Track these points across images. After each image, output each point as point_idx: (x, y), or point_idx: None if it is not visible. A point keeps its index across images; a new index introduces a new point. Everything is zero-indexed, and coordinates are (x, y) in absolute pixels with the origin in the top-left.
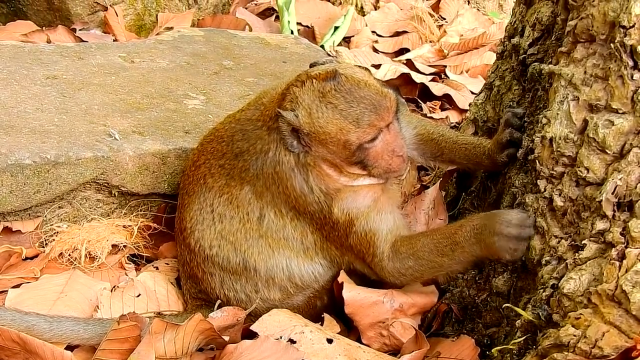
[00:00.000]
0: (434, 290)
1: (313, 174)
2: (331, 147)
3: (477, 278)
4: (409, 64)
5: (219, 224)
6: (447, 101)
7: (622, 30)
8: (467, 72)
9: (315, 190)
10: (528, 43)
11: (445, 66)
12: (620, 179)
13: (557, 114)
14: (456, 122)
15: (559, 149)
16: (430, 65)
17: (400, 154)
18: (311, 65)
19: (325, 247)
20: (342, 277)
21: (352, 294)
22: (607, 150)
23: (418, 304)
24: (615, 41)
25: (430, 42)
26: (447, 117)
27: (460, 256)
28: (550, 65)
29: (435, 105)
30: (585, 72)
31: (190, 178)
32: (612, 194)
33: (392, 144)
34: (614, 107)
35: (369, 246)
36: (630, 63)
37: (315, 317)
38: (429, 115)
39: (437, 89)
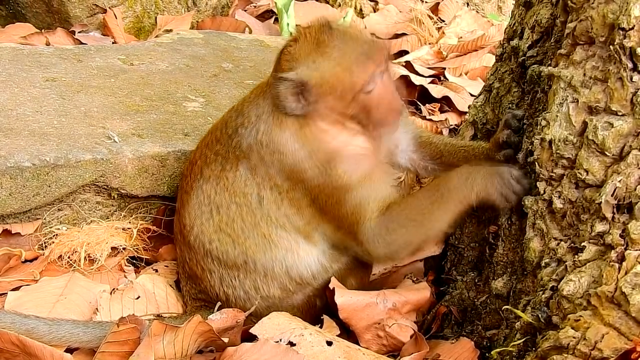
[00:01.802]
0: (425, 286)
1: (311, 136)
2: (330, 99)
3: (476, 280)
4: (408, 66)
5: (217, 215)
6: (446, 103)
7: (621, 32)
8: (466, 74)
9: (314, 156)
10: (527, 45)
11: (445, 68)
12: (619, 181)
13: (557, 116)
14: (455, 125)
15: (558, 151)
16: (429, 68)
17: (396, 106)
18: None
19: (321, 222)
20: (334, 282)
21: (345, 298)
22: (606, 152)
23: (411, 300)
24: (615, 43)
25: (429, 44)
26: (446, 120)
27: (451, 204)
28: (549, 68)
29: (435, 108)
30: (584, 74)
31: (188, 177)
32: (612, 196)
33: (388, 94)
34: (613, 109)
35: (359, 215)
36: (630, 65)
37: (316, 317)
38: (428, 117)
39: (436, 91)
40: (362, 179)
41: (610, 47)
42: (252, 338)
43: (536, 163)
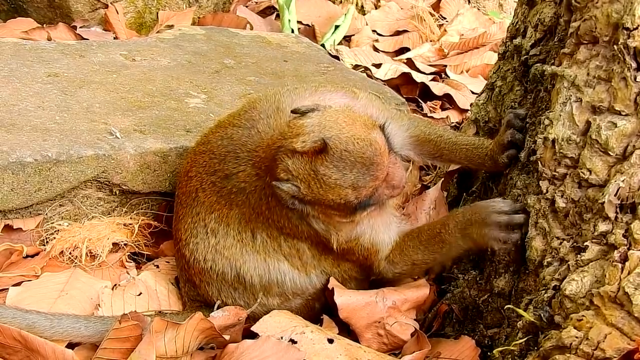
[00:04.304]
0: (424, 283)
1: (312, 218)
2: (334, 206)
3: (477, 279)
4: (409, 63)
5: (213, 239)
6: (447, 101)
7: (625, 32)
8: (467, 71)
9: (314, 226)
10: (530, 44)
11: (446, 66)
12: (622, 181)
13: (560, 115)
14: (456, 122)
15: (561, 151)
16: (430, 65)
17: (400, 184)
18: (293, 112)
19: (322, 259)
20: (332, 282)
21: (344, 298)
22: (609, 152)
23: (411, 298)
24: (619, 43)
25: (431, 41)
26: (447, 117)
27: (451, 251)
28: (552, 67)
29: (436, 105)
30: (588, 74)
31: (183, 189)
32: (615, 195)
33: (391, 181)
34: (617, 108)
35: (365, 260)
36: (634, 65)
37: (314, 318)
38: (429, 115)
39: (437, 88)
40: (364, 237)
41: (614, 46)
42: (253, 336)
43: (539, 162)
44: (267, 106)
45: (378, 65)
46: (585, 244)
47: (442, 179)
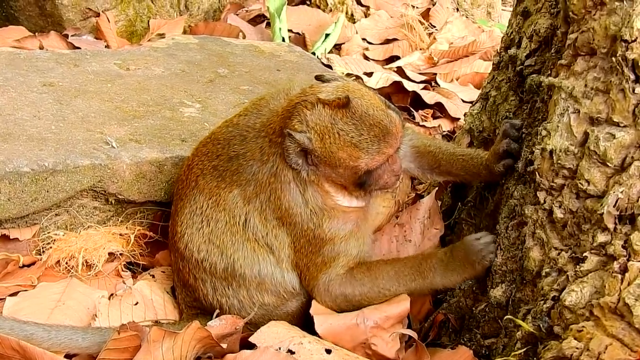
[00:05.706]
0: (404, 297)
1: (312, 189)
2: (339, 170)
3: (474, 288)
4: (400, 71)
5: (207, 227)
6: (438, 109)
7: (623, 44)
8: (457, 80)
9: (310, 205)
10: (525, 54)
11: (436, 74)
12: (621, 192)
13: (558, 126)
14: (448, 131)
15: (559, 161)
16: (420, 73)
17: (398, 173)
18: (317, 78)
19: (294, 263)
20: (314, 309)
21: (325, 325)
22: (608, 163)
23: (392, 315)
24: (617, 55)
25: (421, 49)
26: (439, 126)
27: (419, 285)
28: (550, 78)
29: (427, 114)
30: (586, 85)
31: (184, 182)
32: (614, 206)
33: (393, 165)
34: (615, 120)
35: (330, 265)
36: (632, 77)
37: (311, 323)
38: (421, 123)
39: (428, 97)
40: (345, 236)
41: (613, 58)
42: (250, 347)
43: (536, 173)
44: (276, 95)
45: (369, 74)
46: (584, 254)
47: (437, 188)
